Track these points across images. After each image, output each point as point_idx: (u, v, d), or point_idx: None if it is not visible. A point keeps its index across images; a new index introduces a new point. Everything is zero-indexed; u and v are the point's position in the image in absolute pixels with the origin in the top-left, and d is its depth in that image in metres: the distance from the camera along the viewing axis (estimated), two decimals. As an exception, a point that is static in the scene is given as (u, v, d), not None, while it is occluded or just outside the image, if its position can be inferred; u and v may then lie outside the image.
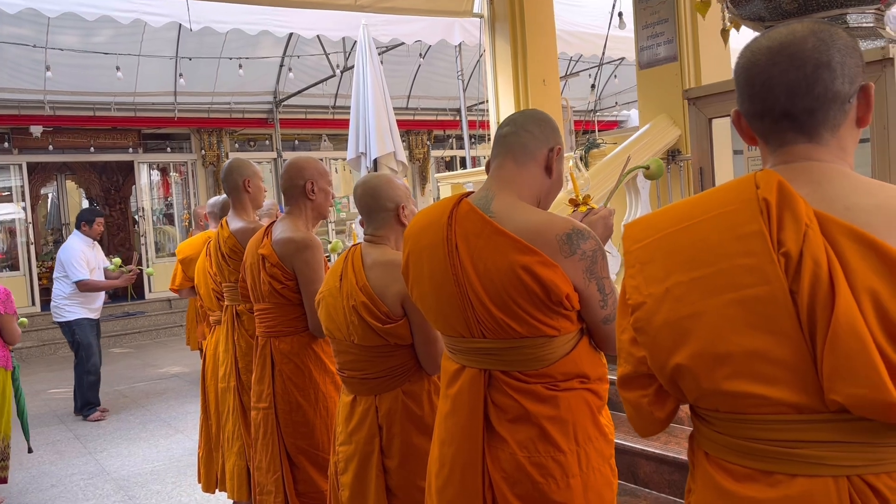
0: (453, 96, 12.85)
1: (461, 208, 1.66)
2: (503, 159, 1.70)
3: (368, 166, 7.38)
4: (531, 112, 1.77)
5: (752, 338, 1.03)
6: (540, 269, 1.54)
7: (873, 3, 2.01)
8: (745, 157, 2.19)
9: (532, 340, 1.59)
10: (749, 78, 1.14)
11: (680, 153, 5.25)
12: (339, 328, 2.16)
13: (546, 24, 6.95)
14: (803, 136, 1.11)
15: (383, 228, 2.19)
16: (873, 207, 1.03)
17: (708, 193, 1.18)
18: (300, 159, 2.75)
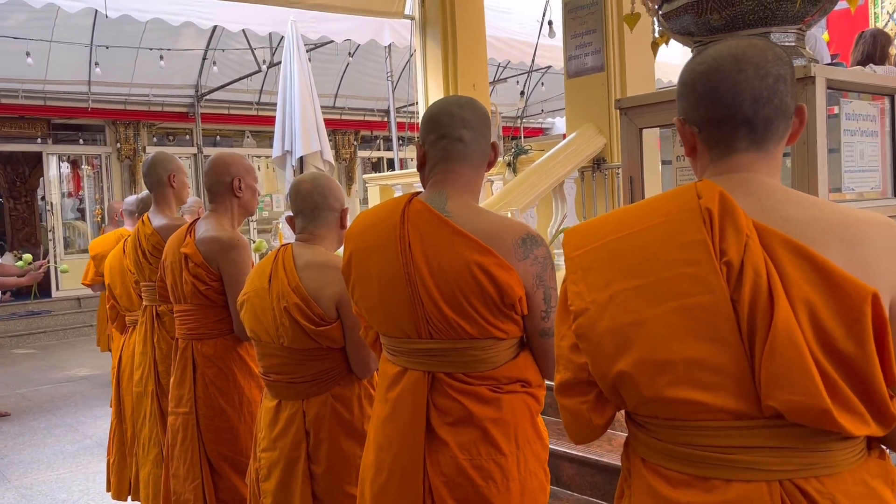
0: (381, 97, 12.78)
1: (413, 207, 1.63)
2: (451, 162, 1.66)
3: (294, 165, 7.24)
4: (470, 107, 1.69)
5: (694, 346, 1.05)
6: (496, 271, 1.54)
7: (795, 24, 2.09)
8: (673, 168, 2.24)
9: (480, 342, 1.59)
10: (713, 84, 1.14)
11: (605, 161, 5.38)
12: (267, 330, 2.10)
13: (477, 29, 7.00)
14: (754, 146, 1.15)
15: (323, 228, 2.14)
16: (809, 220, 1.06)
17: (648, 202, 1.20)
18: (226, 155, 2.66)
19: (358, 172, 14.22)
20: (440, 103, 1.71)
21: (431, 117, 1.69)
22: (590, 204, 5.43)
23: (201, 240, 2.56)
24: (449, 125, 1.65)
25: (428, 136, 1.68)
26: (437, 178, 1.66)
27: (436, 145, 1.66)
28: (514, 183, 5.12)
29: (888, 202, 2.15)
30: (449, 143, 1.64)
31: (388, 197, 7.35)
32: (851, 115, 2.06)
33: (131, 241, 3.15)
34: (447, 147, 1.65)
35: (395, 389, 1.66)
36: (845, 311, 0.99)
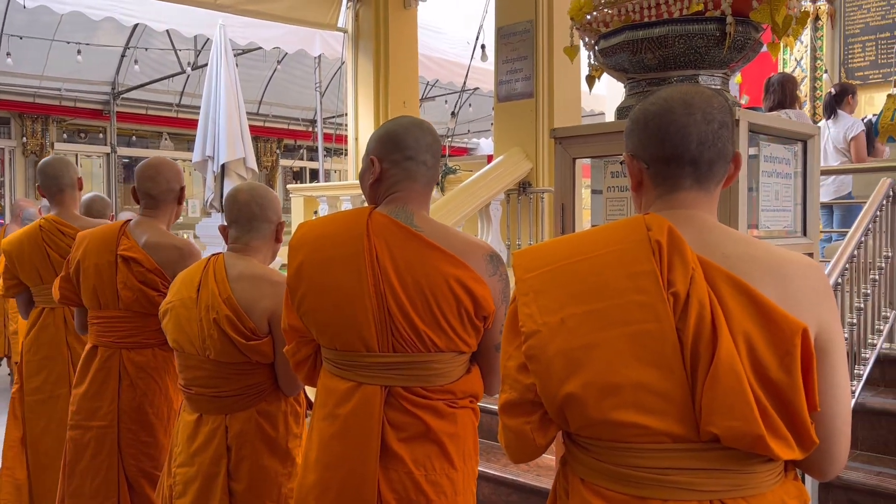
0: (307, 106, 12.62)
1: (377, 220, 1.65)
2: (415, 183, 1.71)
3: (216, 170, 7.07)
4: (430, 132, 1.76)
5: (641, 370, 1.10)
6: (473, 284, 1.60)
7: (721, 69, 2.22)
8: (603, 198, 2.33)
9: (445, 355, 1.63)
10: (664, 124, 1.22)
11: (531, 185, 5.50)
12: (192, 341, 2.04)
13: (410, 47, 7.05)
14: (697, 184, 1.23)
15: (258, 240, 2.11)
16: (747, 257, 1.14)
17: (597, 231, 1.26)
18: (169, 162, 2.64)
19: (279, 181, 13.98)
20: (403, 124, 1.75)
21: (396, 137, 1.72)
22: (514, 226, 5.53)
23: (152, 245, 2.50)
24: (415, 148, 1.70)
25: (391, 155, 1.71)
26: (398, 195, 1.70)
27: (400, 165, 1.70)
28: (442, 201, 5.16)
29: (798, 240, 2.30)
30: (415, 165, 1.70)
31: (311, 208, 7.26)
32: (769, 157, 2.20)
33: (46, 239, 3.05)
34: (412, 169, 1.70)
35: (346, 405, 1.64)
36: (779, 344, 1.07)
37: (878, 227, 3.44)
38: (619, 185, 2.32)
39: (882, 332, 3.45)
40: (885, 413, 3.14)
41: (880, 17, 7.88)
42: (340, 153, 9.63)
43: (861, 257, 3.29)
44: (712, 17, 2.10)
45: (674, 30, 2.12)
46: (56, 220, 3.04)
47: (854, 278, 3.24)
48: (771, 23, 2.07)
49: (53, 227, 3.04)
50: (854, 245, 3.16)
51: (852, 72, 8.09)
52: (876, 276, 3.41)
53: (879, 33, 7.89)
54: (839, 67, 8.17)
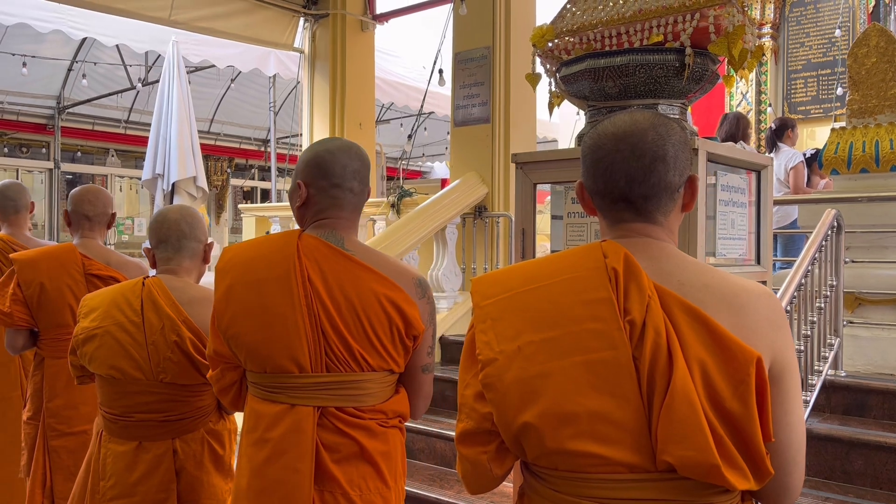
0: (259, 125, 12.50)
1: (307, 243, 1.67)
2: (341, 210, 1.73)
3: (166, 188, 6.91)
4: (358, 157, 1.76)
5: (596, 399, 1.08)
6: (404, 304, 1.64)
7: (680, 98, 2.26)
8: (563, 223, 2.33)
9: (376, 374, 1.65)
10: (595, 160, 1.22)
11: (486, 209, 5.51)
12: (138, 367, 1.99)
13: (366, 69, 7.05)
14: (639, 217, 1.22)
15: (188, 260, 2.12)
16: (702, 286, 1.14)
17: (555, 257, 1.25)
18: (103, 189, 2.91)
19: (229, 201, 13.77)
20: (330, 150, 1.74)
21: (322, 164, 1.72)
22: (470, 250, 5.54)
23: (121, 264, 2.74)
24: (342, 176, 1.71)
25: (317, 182, 1.71)
26: (327, 220, 1.71)
27: (326, 192, 1.71)
28: (398, 224, 5.14)
29: (753, 268, 2.34)
30: (341, 192, 1.71)
31: (263, 228, 7.15)
32: (726, 186, 2.24)
33: None
34: (339, 196, 1.71)
35: (277, 428, 1.63)
36: (733, 373, 1.06)
37: (823, 256, 3.55)
38: (579, 211, 2.33)
39: (827, 358, 3.53)
40: (831, 439, 3.20)
41: (821, 54, 8.23)
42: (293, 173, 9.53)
43: (808, 286, 3.38)
44: (672, 48, 2.15)
45: (634, 59, 2.16)
46: (10, 241, 3.22)
47: (801, 306, 3.32)
48: (728, 55, 2.12)
49: (7, 246, 3.18)
50: (802, 274, 3.24)
51: (795, 106, 8.40)
52: (822, 304, 3.50)
53: (821, 69, 8.23)
54: (783, 102, 8.48)
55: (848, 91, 4.26)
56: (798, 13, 8.39)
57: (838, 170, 4.17)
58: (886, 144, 3.97)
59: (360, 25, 6.94)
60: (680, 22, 2.14)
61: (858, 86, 4.16)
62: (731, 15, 2.10)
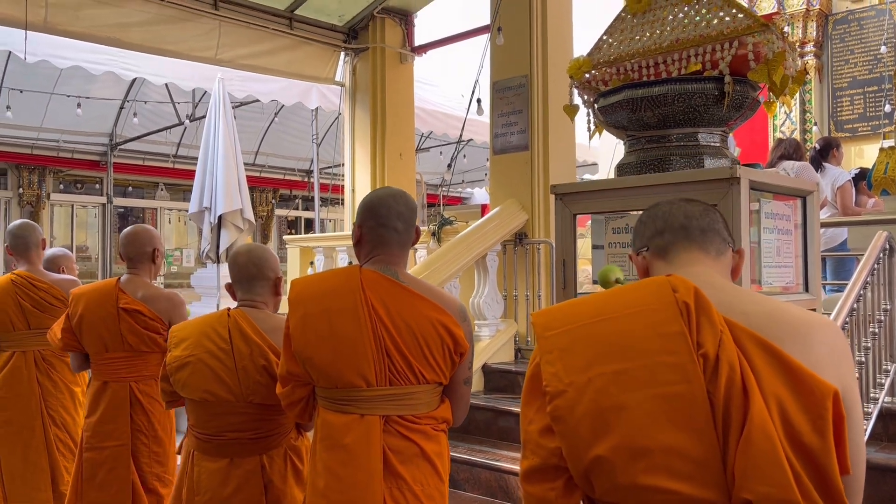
0: (302, 156, 12.73)
1: (368, 276, 1.94)
2: (389, 246, 2.00)
3: (213, 221, 7.06)
4: (404, 201, 2.03)
5: (671, 434, 1.07)
6: (452, 326, 1.91)
7: (720, 126, 2.24)
8: (605, 253, 2.33)
9: (430, 387, 1.92)
10: (653, 216, 1.36)
11: (527, 236, 5.51)
12: (230, 389, 2.20)
13: (406, 101, 7.15)
14: (696, 246, 1.29)
15: (261, 296, 2.34)
16: (766, 315, 1.15)
17: (620, 291, 1.26)
18: (146, 228, 3.16)
19: (274, 231, 14.01)
20: (379, 196, 2.04)
21: (372, 207, 2.01)
22: (511, 276, 5.53)
23: (148, 298, 2.97)
24: (387, 216, 1.99)
25: (367, 222, 2.01)
26: (380, 257, 1.99)
27: (375, 231, 2.00)
28: (440, 253, 5.17)
29: (801, 296, 2.29)
30: (386, 231, 1.99)
31: (307, 258, 7.26)
32: (770, 214, 2.21)
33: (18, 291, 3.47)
34: (384, 234, 1.99)
35: (349, 435, 1.88)
36: (811, 407, 1.06)
37: (875, 279, 3.45)
38: (620, 240, 2.32)
39: (884, 385, 3.43)
40: (890, 469, 3.10)
41: (867, 71, 8.07)
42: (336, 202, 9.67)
43: (860, 310, 3.29)
44: (711, 76, 2.14)
45: (673, 89, 2.15)
46: (28, 276, 3.49)
47: (855, 332, 3.23)
48: (768, 82, 2.10)
49: (26, 281, 3.47)
50: (854, 298, 3.17)
51: (841, 124, 8.24)
52: (875, 329, 3.41)
53: (867, 87, 8.07)
54: (828, 120, 8.32)
55: None
56: (841, 30, 8.25)
57: (889, 190, 4.07)
58: (939, 163, 3.87)
59: (399, 58, 7.06)
60: (718, 50, 2.13)
61: (907, 104, 4.07)
62: (771, 42, 2.09)
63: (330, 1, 6.69)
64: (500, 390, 4.91)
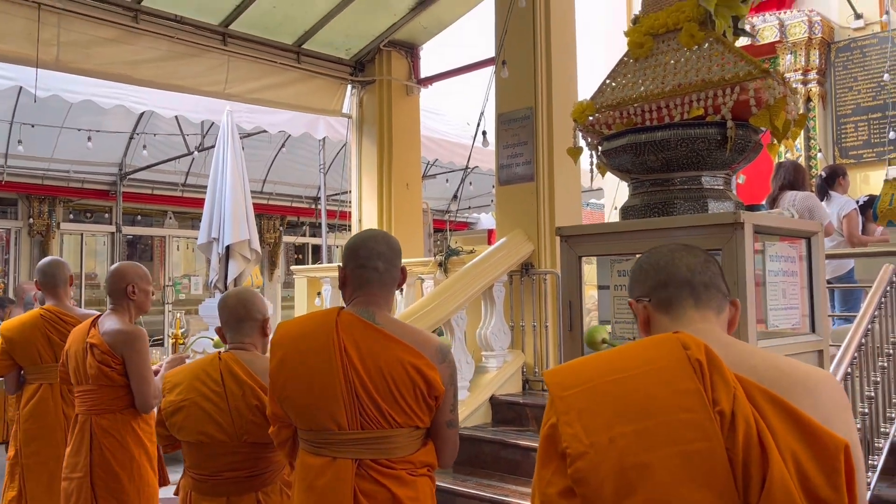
0: (309, 184, 12.80)
1: (345, 319, 1.97)
2: (370, 286, 2.03)
3: (220, 252, 7.12)
4: (385, 242, 2.07)
5: (695, 491, 1.08)
6: (426, 369, 1.90)
7: (723, 169, 2.26)
8: (610, 294, 2.34)
9: (404, 430, 1.91)
10: (656, 261, 1.36)
11: (533, 266, 5.52)
12: (224, 431, 2.27)
13: (412, 132, 7.22)
14: (700, 303, 1.31)
15: (250, 337, 2.43)
16: (774, 370, 1.18)
17: (630, 349, 1.27)
18: (123, 266, 3.24)
19: (281, 258, 14.06)
20: (360, 237, 2.10)
21: (354, 249, 2.06)
22: (517, 307, 5.53)
23: (107, 332, 3.05)
24: (366, 257, 2.03)
25: (349, 263, 2.05)
26: (361, 298, 2.03)
27: (356, 272, 2.04)
28: (447, 284, 5.18)
29: (808, 338, 2.29)
30: (367, 272, 2.03)
31: (315, 289, 7.29)
32: (774, 256, 2.22)
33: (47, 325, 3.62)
34: (364, 275, 2.03)
35: (322, 478, 1.90)
36: (825, 461, 1.08)
37: (883, 312, 3.44)
38: (625, 283, 2.33)
39: (894, 419, 3.40)
40: (904, 505, 3.06)
41: (871, 98, 8.09)
42: (343, 229, 9.72)
43: (869, 344, 3.27)
44: (713, 121, 2.17)
45: (676, 134, 2.18)
46: (56, 311, 3.64)
47: (863, 366, 3.22)
48: (770, 127, 2.13)
49: (54, 316, 3.62)
50: (862, 333, 3.16)
51: (846, 151, 8.25)
52: (884, 363, 3.39)
53: (871, 113, 8.08)
54: (833, 147, 8.33)
55: (900, 141, 4.19)
56: (844, 58, 8.29)
57: (894, 221, 4.07)
58: (944, 195, 3.87)
59: (405, 90, 7.14)
60: (720, 95, 2.16)
61: (910, 135, 4.09)
62: (772, 87, 2.11)
63: (337, 35, 6.78)
64: (508, 422, 4.89)
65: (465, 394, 4.92)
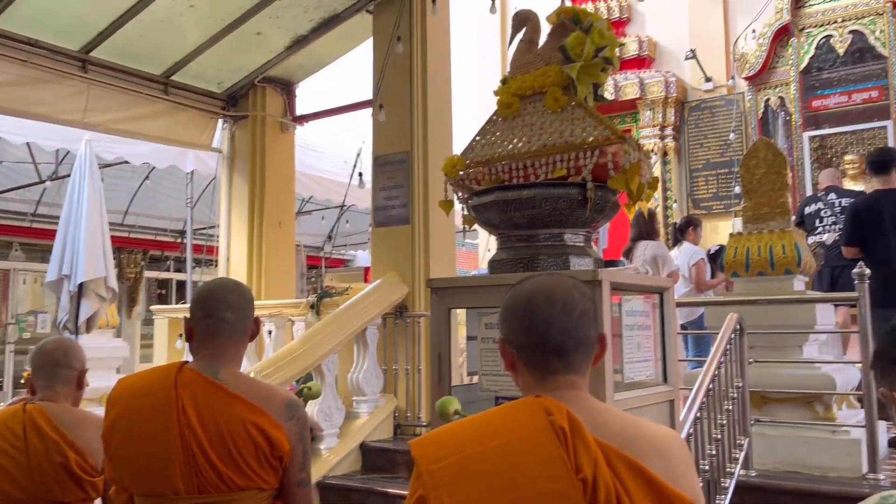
0: (175, 216, 12.22)
1: (186, 375, 1.86)
2: (217, 338, 1.92)
3: (72, 290, 6.62)
4: (236, 291, 1.98)
5: None
6: (269, 428, 1.81)
7: (584, 227, 2.37)
8: (478, 346, 2.36)
9: (247, 493, 1.81)
10: (528, 316, 1.32)
11: (407, 309, 5.52)
12: (21, 488, 2.15)
13: (286, 169, 7.09)
14: (569, 369, 1.31)
15: (63, 386, 2.33)
16: (633, 435, 1.23)
17: (495, 415, 1.29)
18: None
19: (142, 294, 13.29)
20: (209, 286, 2.01)
21: (201, 299, 1.97)
22: (391, 350, 5.50)
23: None
24: (214, 307, 1.93)
25: (195, 314, 1.95)
26: (207, 351, 1.92)
27: (203, 322, 1.93)
28: (318, 327, 5.07)
29: (660, 388, 2.42)
30: (214, 321, 1.92)
31: (176, 330, 6.91)
32: (630, 311, 2.34)
33: None
34: (212, 325, 1.92)
35: None
36: None
37: (729, 357, 3.70)
38: (492, 336, 2.37)
39: (738, 459, 3.63)
40: (747, 542, 3.26)
41: (719, 154, 8.82)
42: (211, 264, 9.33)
43: (716, 388, 3.50)
44: (575, 182, 2.27)
45: (540, 193, 2.26)
46: None
47: (711, 410, 3.43)
48: (626, 190, 2.25)
49: None
50: (710, 378, 3.36)
51: (698, 202, 8.91)
52: (730, 406, 3.63)
53: (719, 169, 8.81)
54: (686, 198, 8.98)
55: (742, 198, 4.57)
56: (696, 117, 9.01)
57: (738, 272, 4.40)
58: (779, 249, 4.24)
59: (280, 126, 7.01)
60: (582, 158, 2.27)
61: (751, 194, 4.46)
62: (628, 153, 2.24)
63: (209, 68, 6.58)
64: (379, 469, 4.82)
65: (335, 441, 4.81)
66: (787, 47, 8.35)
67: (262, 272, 6.80)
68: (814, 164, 8.08)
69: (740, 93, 8.65)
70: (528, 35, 2.53)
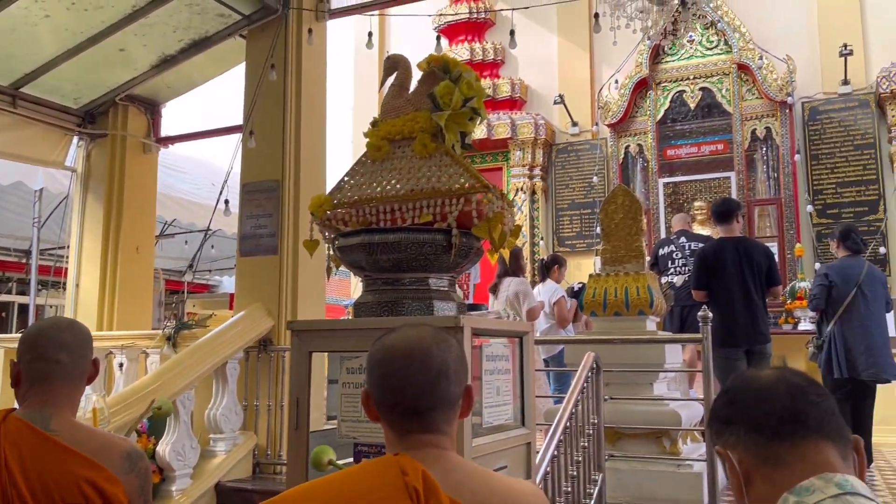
0: (21, 235, 11.27)
1: (10, 426, 1.70)
2: (50, 383, 1.75)
3: None
4: (70, 330, 1.82)
5: None
6: (104, 484, 1.67)
7: (448, 272, 2.39)
8: (339, 392, 2.32)
9: None
10: (385, 375, 1.32)
11: (272, 343, 5.36)
12: None
13: (147, 192, 6.74)
14: (427, 429, 1.31)
15: None
16: (490, 493, 1.26)
17: (354, 474, 1.29)
18: None
19: (-21, 318, 12.10)
20: (39, 326, 1.84)
21: (30, 339, 1.79)
22: (252, 385, 5.30)
23: None
24: (46, 347, 1.76)
25: (24, 357, 1.77)
26: (37, 398, 1.75)
27: (31, 366, 1.76)
28: (175, 361, 4.81)
29: (519, 431, 2.46)
30: (46, 364, 1.75)
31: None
32: (490, 355, 2.37)
33: None
34: (43, 369, 1.75)
35: None
36: None
37: (586, 395, 3.84)
38: (354, 381, 2.33)
39: (592, 494, 3.77)
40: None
41: (583, 195, 9.27)
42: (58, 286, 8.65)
43: (573, 426, 3.62)
44: (440, 228, 2.29)
45: (406, 237, 2.26)
46: None
47: (568, 447, 3.54)
48: (489, 238, 2.30)
49: None
50: (567, 417, 3.48)
51: (563, 240, 9.30)
52: (585, 442, 3.76)
53: (583, 209, 9.25)
54: (553, 236, 9.36)
55: (602, 241, 4.82)
56: (563, 159, 9.45)
57: (596, 312, 4.62)
58: (634, 291, 4.49)
59: (143, 147, 6.67)
60: (447, 204, 2.29)
61: (609, 237, 4.72)
62: (492, 202, 2.29)
63: (65, 82, 6.16)
64: (235, 512, 4.60)
65: (188, 482, 4.55)
66: (645, 98, 8.95)
67: (115, 300, 6.38)
68: (668, 209, 8.66)
69: (603, 138, 9.16)
70: (398, 79, 2.55)
